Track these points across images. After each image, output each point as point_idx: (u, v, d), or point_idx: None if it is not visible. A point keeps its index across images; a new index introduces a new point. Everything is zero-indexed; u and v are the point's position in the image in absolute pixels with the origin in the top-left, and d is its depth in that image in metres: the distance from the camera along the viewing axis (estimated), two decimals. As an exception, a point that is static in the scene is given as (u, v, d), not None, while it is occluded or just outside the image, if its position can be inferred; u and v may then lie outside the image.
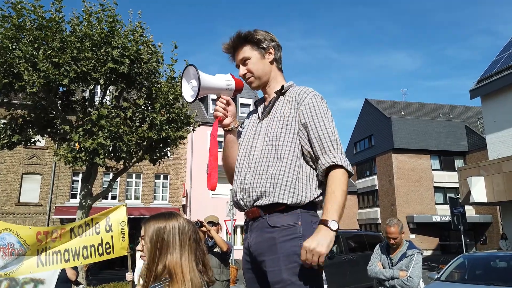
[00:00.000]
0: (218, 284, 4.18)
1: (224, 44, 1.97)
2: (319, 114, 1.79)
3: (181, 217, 1.64)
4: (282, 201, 1.71)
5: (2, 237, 4.47)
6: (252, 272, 1.83)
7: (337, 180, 1.68)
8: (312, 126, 1.78)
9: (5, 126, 12.25)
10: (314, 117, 1.79)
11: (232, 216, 12.17)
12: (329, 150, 1.73)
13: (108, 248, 4.50)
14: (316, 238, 1.55)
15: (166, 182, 23.52)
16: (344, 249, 10.53)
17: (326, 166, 1.71)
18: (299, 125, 1.81)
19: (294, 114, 1.82)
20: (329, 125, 1.78)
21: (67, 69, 11.02)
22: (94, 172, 13.29)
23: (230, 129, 1.93)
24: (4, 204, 20.01)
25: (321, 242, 1.54)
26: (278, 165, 1.76)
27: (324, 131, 1.76)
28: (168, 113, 12.62)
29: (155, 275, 1.52)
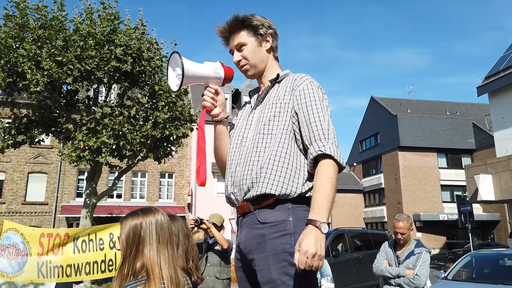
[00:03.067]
0: (219, 283, 4.11)
1: (219, 26, 1.85)
2: (312, 101, 1.68)
3: (160, 212, 1.55)
4: (270, 191, 1.60)
5: (7, 236, 4.45)
6: (243, 270, 1.73)
7: (325, 172, 1.55)
8: (304, 113, 1.67)
9: (10, 125, 12.28)
10: (307, 104, 1.67)
11: (237, 214, 12.10)
12: (319, 139, 1.61)
13: (111, 265, 4.50)
14: (314, 242, 1.42)
15: (171, 181, 23.53)
16: (349, 247, 10.41)
17: (314, 155, 1.59)
18: (292, 112, 1.70)
19: (288, 100, 1.72)
20: (322, 113, 1.66)
21: (71, 68, 11.02)
22: (99, 171, 13.29)
23: (219, 119, 1.83)
24: (10, 203, 20.13)
25: (321, 244, 1.42)
26: (267, 154, 1.65)
27: (316, 118, 1.64)
28: (171, 111, 12.59)
29: (133, 274, 1.43)
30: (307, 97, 1.69)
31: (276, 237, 1.57)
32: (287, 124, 1.69)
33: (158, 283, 1.38)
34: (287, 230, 1.57)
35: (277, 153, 1.65)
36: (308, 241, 1.42)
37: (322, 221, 1.46)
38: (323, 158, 1.58)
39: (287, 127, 1.69)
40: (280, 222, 1.58)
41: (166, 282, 1.40)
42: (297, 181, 1.64)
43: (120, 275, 1.44)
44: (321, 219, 1.46)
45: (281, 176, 1.62)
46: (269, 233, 1.58)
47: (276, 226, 1.58)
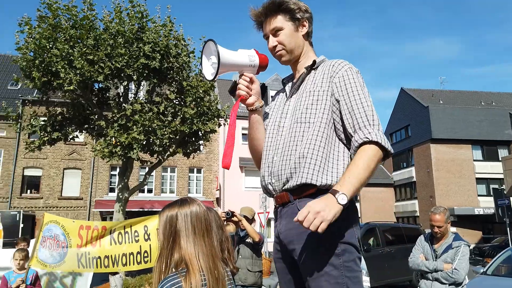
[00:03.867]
0: (251, 275, 4.11)
1: (254, 10, 1.79)
2: (354, 87, 1.61)
3: (196, 203, 1.54)
4: (311, 181, 1.56)
5: (49, 228, 4.61)
6: (283, 261, 1.70)
7: (365, 154, 1.50)
8: (345, 100, 1.60)
9: (46, 123, 12.75)
10: (348, 90, 1.61)
11: (265, 208, 12.10)
12: (364, 126, 1.55)
13: (146, 256, 4.61)
14: (325, 202, 1.40)
15: (199, 176, 23.83)
16: (381, 242, 10.20)
17: (359, 142, 1.53)
18: (332, 100, 1.64)
19: (326, 88, 1.66)
20: (365, 99, 1.59)
21: (102, 66, 11.30)
22: (130, 166, 13.62)
23: (254, 108, 1.79)
24: (48, 198, 20.99)
25: (328, 207, 1.39)
26: (307, 144, 1.61)
27: (359, 105, 1.58)
28: (198, 106, 12.70)
29: (171, 265, 1.43)
30: (347, 83, 1.62)
31: None
32: (326, 112, 1.63)
33: (198, 274, 1.37)
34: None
35: (316, 142, 1.60)
36: (318, 200, 1.41)
37: (342, 191, 1.42)
38: (368, 145, 1.53)
39: (326, 116, 1.63)
40: None
41: (206, 274, 1.39)
42: (337, 170, 1.59)
43: (158, 267, 1.44)
44: (341, 190, 1.43)
45: (321, 166, 1.58)
46: None
47: None
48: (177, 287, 1.35)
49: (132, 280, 11.66)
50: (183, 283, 1.35)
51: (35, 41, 11.02)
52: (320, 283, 1.48)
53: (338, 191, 1.43)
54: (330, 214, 1.38)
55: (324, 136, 1.61)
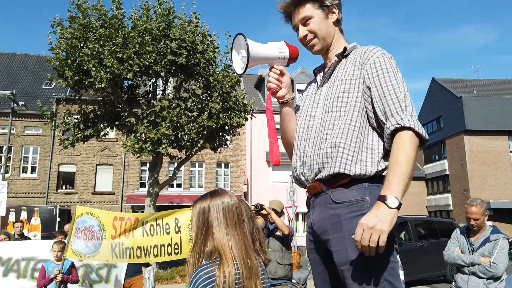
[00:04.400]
0: (281, 268, 4.10)
1: (281, 2, 1.77)
2: (385, 73, 1.56)
3: (228, 195, 1.55)
4: (344, 171, 1.53)
5: (83, 220, 4.78)
6: (316, 252, 1.68)
7: (402, 144, 1.45)
8: (377, 86, 1.55)
9: (79, 120, 13.18)
10: (380, 77, 1.56)
11: (293, 202, 12.06)
12: (396, 112, 1.50)
13: (176, 248, 4.74)
14: (376, 214, 1.36)
15: (227, 170, 24.03)
16: (413, 236, 9.97)
17: (392, 129, 1.48)
18: (364, 87, 1.60)
19: (358, 75, 1.61)
20: (397, 85, 1.54)
21: (131, 64, 11.54)
22: (160, 162, 13.90)
23: (285, 101, 1.78)
24: (82, 193, 21.76)
25: (381, 218, 1.35)
26: (338, 133, 1.58)
27: (390, 91, 1.53)
28: (225, 101, 12.78)
29: (205, 255, 1.46)
30: (379, 69, 1.57)
31: (352, 217, 1.50)
32: (358, 100, 1.60)
33: (231, 264, 1.39)
34: (364, 209, 1.49)
35: (349, 131, 1.57)
36: (369, 215, 1.38)
37: (392, 195, 1.38)
38: (401, 131, 1.48)
39: (358, 104, 1.59)
40: (357, 201, 1.52)
41: (239, 263, 1.40)
42: (371, 159, 1.56)
43: (192, 257, 1.48)
44: (390, 194, 1.38)
45: (354, 155, 1.55)
46: (345, 213, 1.52)
47: (352, 206, 1.52)
48: (211, 275, 1.37)
49: (164, 272, 11.95)
50: (217, 272, 1.37)
51: (67, 41, 11.39)
52: (356, 274, 1.46)
53: (386, 196, 1.39)
54: (386, 224, 1.35)
55: (357, 125, 1.58)
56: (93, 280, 5.32)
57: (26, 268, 5.12)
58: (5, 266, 5.09)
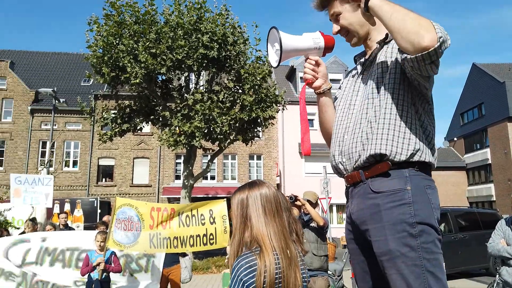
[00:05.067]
0: (316, 259, 4.08)
1: (313, 2, 1.77)
2: None
3: (265, 185, 1.55)
4: (380, 150, 1.51)
5: (123, 211, 4.95)
6: (356, 242, 1.67)
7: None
8: None
9: (116, 115, 13.62)
10: None
11: (327, 194, 11.94)
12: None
13: (211, 239, 4.90)
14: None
15: (259, 162, 24.11)
16: (453, 228, 9.62)
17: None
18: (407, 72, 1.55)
19: (396, 57, 1.57)
20: None
21: (164, 58, 11.76)
22: (194, 154, 14.15)
23: (322, 91, 1.77)
24: (120, 185, 22.56)
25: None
26: (378, 119, 1.55)
27: None
28: (256, 93, 12.78)
29: (244, 245, 1.48)
30: None
31: (392, 206, 1.47)
32: (401, 87, 1.55)
33: (271, 254, 1.39)
34: (405, 199, 1.46)
35: (392, 116, 1.54)
36: None
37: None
38: None
39: (400, 90, 1.55)
40: (397, 191, 1.48)
41: (279, 253, 1.41)
42: (413, 144, 1.52)
43: (233, 247, 1.50)
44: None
45: (393, 140, 1.52)
46: (385, 203, 1.49)
47: (392, 195, 1.49)
48: (252, 264, 1.39)
49: (200, 262, 12.21)
50: (258, 261, 1.38)
51: (103, 39, 11.74)
52: (396, 264, 1.43)
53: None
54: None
55: (398, 113, 1.54)
56: (133, 269, 5.52)
57: (71, 258, 5.37)
58: (51, 257, 5.36)
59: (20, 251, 5.32)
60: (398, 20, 1.35)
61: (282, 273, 1.39)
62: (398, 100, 1.54)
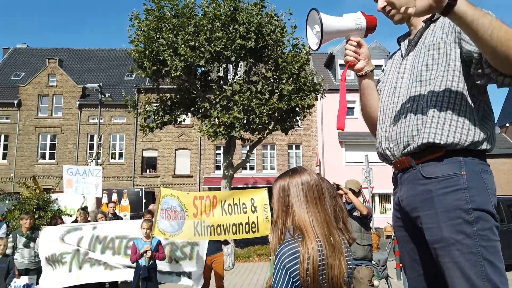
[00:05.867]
0: (360, 248, 4.02)
1: None
2: None
3: (307, 172, 1.53)
4: (434, 140, 1.43)
5: (166, 201, 5.12)
6: (405, 229, 1.62)
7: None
8: None
9: (158, 108, 14.02)
10: None
11: (370, 183, 11.67)
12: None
13: (253, 227, 4.99)
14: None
15: (298, 152, 23.97)
16: (505, 217, 9.13)
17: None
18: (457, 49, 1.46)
19: (450, 40, 1.48)
20: None
21: (202, 51, 11.92)
22: (233, 145, 14.32)
23: (364, 73, 1.70)
24: (163, 176, 23.30)
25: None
26: (428, 102, 1.47)
27: None
28: (295, 82, 12.66)
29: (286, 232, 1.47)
30: None
31: (445, 192, 1.41)
32: (451, 68, 1.47)
33: (313, 241, 1.39)
34: (460, 185, 1.39)
35: (437, 98, 1.46)
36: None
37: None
38: None
39: (451, 72, 1.47)
40: (450, 176, 1.42)
41: (322, 240, 1.40)
42: (467, 128, 1.43)
43: (275, 234, 1.50)
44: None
45: (445, 124, 1.44)
46: (437, 189, 1.43)
47: (445, 181, 1.42)
48: (295, 251, 1.38)
49: (242, 251, 12.41)
50: (300, 248, 1.38)
51: (144, 33, 12.07)
52: (451, 252, 1.37)
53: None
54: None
55: (448, 95, 1.46)
56: (178, 257, 5.70)
57: (120, 246, 5.63)
58: (102, 244, 5.65)
59: (74, 238, 5.66)
60: (502, 42, 1.19)
61: (326, 260, 1.38)
62: (452, 84, 1.45)
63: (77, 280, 5.46)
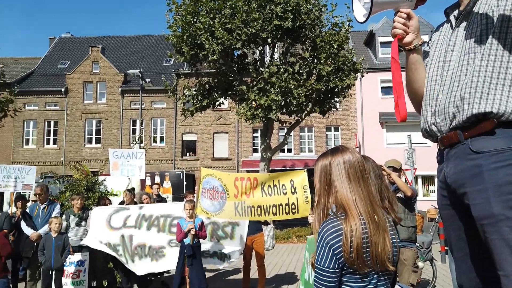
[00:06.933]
0: (404, 230, 3.93)
1: None
2: None
3: (349, 151, 1.52)
4: (485, 109, 1.37)
5: (207, 181, 5.24)
6: (451, 207, 1.56)
7: None
8: None
9: (196, 92, 14.24)
10: None
11: (412, 164, 11.31)
12: None
13: (293, 208, 5.01)
14: None
15: (337, 134, 23.60)
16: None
17: None
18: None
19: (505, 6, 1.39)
20: None
21: (239, 33, 11.88)
22: (270, 127, 14.32)
23: (413, 47, 1.62)
24: (203, 159, 23.80)
25: None
26: (481, 74, 1.40)
27: None
28: (333, 62, 12.36)
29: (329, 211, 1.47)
30: None
31: (497, 167, 1.35)
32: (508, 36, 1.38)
33: (356, 219, 1.38)
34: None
35: (497, 70, 1.39)
36: None
37: None
38: None
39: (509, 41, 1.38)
40: (503, 150, 1.35)
41: (365, 218, 1.39)
42: None
43: (317, 213, 1.51)
44: None
45: (496, 93, 1.37)
46: (488, 163, 1.37)
47: (497, 155, 1.36)
48: (337, 229, 1.39)
49: (281, 232, 12.54)
50: (343, 226, 1.37)
51: (181, 18, 12.20)
52: (501, 229, 1.31)
53: None
54: None
55: (506, 65, 1.38)
56: (219, 236, 5.86)
57: (164, 223, 5.86)
58: (147, 222, 5.90)
59: (121, 217, 5.94)
60: None
61: (370, 238, 1.37)
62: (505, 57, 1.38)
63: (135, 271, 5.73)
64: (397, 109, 1.59)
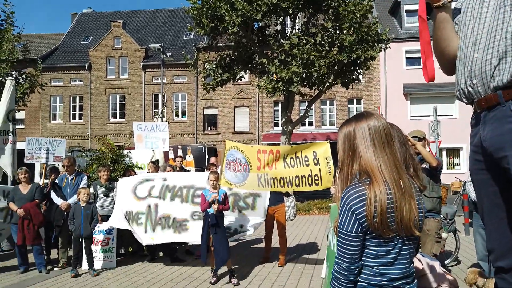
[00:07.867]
0: (428, 201, 3.88)
1: None
2: None
3: (374, 117, 1.48)
4: None
5: (231, 153, 5.30)
6: (488, 172, 1.52)
7: None
8: None
9: (217, 66, 14.16)
10: None
11: (437, 136, 11.04)
12: None
13: (316, 179, 4.99)
14: None
15: (359, 107, 23.18)
16: None
17: None
18: None
19: None
20: None
21: (259, 4, 11.61)
22: (291, 101, 14.18)
23: (442, 4, 1.55)
24: (224, 133, 23.95)
25: None
26: None
27: None
28: (357, 33, 11.97)
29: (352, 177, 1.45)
30: None
31: None
32: None
33: (381, 184, 1.36)
34: None
35: None
36: None
37: None
38: None
39: None
40: None
41: (390, 184, 1.37)
42: None
43: (341, 179, 1.50)
44: None
45: None
46: None
47: None
48: (361, 194, 1.38)
49: (302, 204, 12.64)
50: (367, 191, 1.36)
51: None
52: None
53: None
54: None
55: None
56: (241, 206, 5.95)
57: (188, 194, 5.99)
58: (171, 192, 6.05)
59: (146, 187, 6.11)
60: None
61: (395, 203, 1.35)
62: None
63: (152, 241, 5.88)
64: (425, 70, 1.54)
